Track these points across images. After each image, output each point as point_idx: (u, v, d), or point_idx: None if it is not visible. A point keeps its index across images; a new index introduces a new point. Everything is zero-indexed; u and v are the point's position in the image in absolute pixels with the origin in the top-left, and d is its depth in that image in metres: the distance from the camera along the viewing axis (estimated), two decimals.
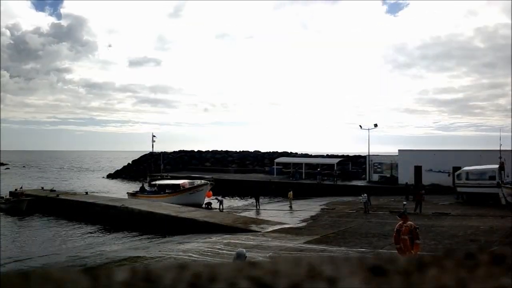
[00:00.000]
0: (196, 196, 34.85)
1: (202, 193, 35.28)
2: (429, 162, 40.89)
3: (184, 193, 35.05)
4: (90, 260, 17.30)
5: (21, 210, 31.72)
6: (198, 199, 34.41)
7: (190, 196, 34.74)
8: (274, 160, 56.06)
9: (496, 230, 19.33)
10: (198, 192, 35.29)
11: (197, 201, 34.11)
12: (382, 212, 27.04)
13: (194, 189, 35.51)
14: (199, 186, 35.88)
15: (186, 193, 35.03)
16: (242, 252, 9.12)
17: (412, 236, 11.12)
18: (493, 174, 30.00)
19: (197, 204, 33.28)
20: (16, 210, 31.74)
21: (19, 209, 31.91)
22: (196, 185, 36.14)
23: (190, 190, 35.36)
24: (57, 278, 0.64)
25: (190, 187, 35.72)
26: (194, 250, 16.88)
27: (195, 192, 35.27)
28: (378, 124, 49.30)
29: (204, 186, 35.89)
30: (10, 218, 30.14)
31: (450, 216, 24.44)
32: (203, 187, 35.74)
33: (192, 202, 33.23)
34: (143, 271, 0.67)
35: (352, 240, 18.13)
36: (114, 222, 27.13)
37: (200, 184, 36.24)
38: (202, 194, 35.28)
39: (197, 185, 36.20)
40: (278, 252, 15.95)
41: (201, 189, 35.54)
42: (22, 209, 31.93)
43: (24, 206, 32.20)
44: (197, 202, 33.84)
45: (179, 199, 33.78)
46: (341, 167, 49.23)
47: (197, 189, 35.59)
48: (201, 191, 35.39)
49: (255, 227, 21.98)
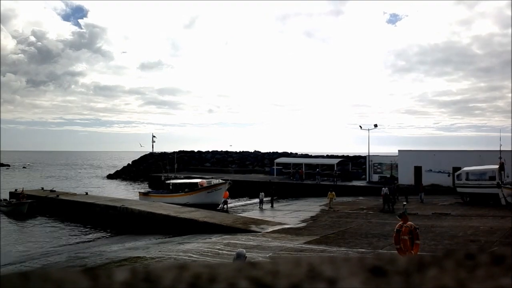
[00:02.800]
0: (214, 196, 33.64)
1: (220, 192, 33.73)
2: (429, 162, 40.88)
3: (202, 192, 33.92)
4: (90, 261, 17.29)
5: (23, 213, 31.74)
6: (216, 199, 33.35)
7: (207, 195, 33.59)
8: (274, 161, 56.10)
9: (496, 230, 19.32)
10: (216, 191, 33.86)
11: (215, 200, 33.13)
12: (382, 212, 27.06)
13: (212, 188, 34.21)
14: (217, 185, 34.42)
15: (204, 192, 33.88)
16: (242, 253, 9.12)
17: (412, 237, 11.13)
18: (493, 175, 29.99)
19: (215, 204, 32.57)
20: (17, 213, 31.74)
21: (21, 211, 31.92)
22: (214, 184, 34.73)
23: (208, 189, 34.16)
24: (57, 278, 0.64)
25: (208, 186, 34.51)
26: (194, 250, 16.87)
27: (213, 191, 33.94)
28: (378, 125, 49.37)
29: (222, 185, 34.34)
30: (11, 220, 30.13)
31: (450, 217, 24.44)
32: (222, 186, 34.16)
33: (210, 201, 32.49)
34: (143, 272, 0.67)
35: (352, 240, 18.12)
36: (114, 222, 27.15)
37: (219, 183, 34.83)
38: (220, 193, 33.69)
39: (215, 184, 34.78)
40: (278, 252, 15.94)
41: (219, 188, 34.01)
42: (24, 211, 31.94)
43: (25, 208, 32.21)
44: (215, 201, 32.96)
45: (196, 198, 32.99)
46: (341, 168, 49.24)
47: (215, 187, 34.22)
48: (219, 190, 33.84)
49: (255, 227, 21.98)
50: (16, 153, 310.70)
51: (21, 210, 32.03)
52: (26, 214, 31.59)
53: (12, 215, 31.52)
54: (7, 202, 34.49)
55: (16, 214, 31.49)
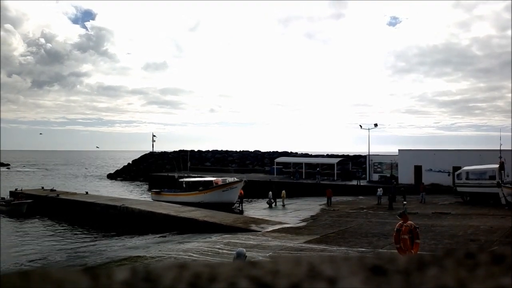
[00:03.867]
0: (229, 194, 32.83)
1: (235, 191, 32.89)
2: (429, 161, 40.88)
3: (217, 191, 33.11)
4: (90, 260, 17.31)
5: (22, 213, 31.77)
6: (231, 197, 32.67)
7: (222, 193, 32.79)
8: (274, 160, 56.09)
9: (496, 229, 19.32)
10: (232, 190, 32.96)
11: (230, 199, 32.53)
12: (382, 211, 27.07)
13: (227, 186, 33.33)
14: (233, 183, 33.52)
15: (219, 191, 33.04)
16: (242, 252, 9.12)
17: (412, 236, 11.13)
18: (493, 174, 29.99)
19: (230, 203, 32.00)
20: (16, 213, 31.78)
21: (20, 211, 31.95)
22: (229, 182, 33.86)
23: (224, 187, 33.32)
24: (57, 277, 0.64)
25: (224, 184, 33.67)
26: (194, 249, 16.88)
27: (228, 190, 33.04)
28: (378, 124, 49.39)
29: (238, 183, 33.44)
30: (11, 220, 30.15)
31: (450, 216, 24.45)
32: (237, 185, 33.27)
33: (225, 200, 31.93)
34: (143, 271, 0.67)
35: (352, 239, 18.13)
36: (114, 221, 27.16)
37: (234, 181, 34.07)
38: (236, 191, 32.86)
39: (230, 182, 33.96)
40: (278, 251, 15.95)
41: (235, 187, 33.10)
42: (23, 211, 31.98)
43: (24, 208, 32.26)
44: (230, 200, 32.39)
45: (211, 197, 32.34)
46: (341, 167, 49.26)
47: (230, 186, 33.31)
48: (235, 189, 32.98)
49: (255, 226, 21.99)
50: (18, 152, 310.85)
51: (20, 210, 32.09)
52: (25, 214, 31.64)
53: (11, 215, 31.56)
54: (5, 201, 34.51)
55: (15, 214, 31.53)
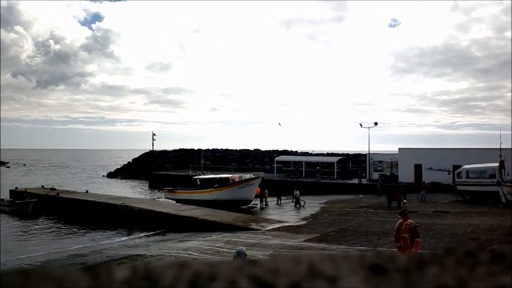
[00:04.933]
0: (247, 191, 31.88)
1: (253, 188, 32.01)
2: (429, 160, 40.86)
3: (234, 187, 32.26)
4: (90, 259, 17.31)
5: (27, 212, 31.62)
6: (248, 194, 31.85)
7: (239, 190, 31.87)
8: (274, 159, 56.09)
9: (496, 228, 19.33)
10: (249, 186, 31.99)
11: (247, 196, 31.77)
12: (382, 210, 27.09)
13: (244, 183, 32.26)
14: (250, 180, 32.46)
15: (236, 187, 32.16)
16: (242, 250, 9.12)
17: (412, 234, 11.13)
18: (493, 172, 29.99)
19: (247, 200, 31.51)
20: (22, 212, 31.62)
21: (25, 211, 31.79)
22: (247, 179, 32.88)
23: (241, 184, 32.29)
24: (57, 276, 0.65)
25: (241, 181, 32.65)
26: (194, 248, 16.89)
27: (245, 186, 32.06)
28: (379, 123, 49.43)
29: (255, 180, 32.40)
30: (15, 220, 30.04)
31: (450, 214, 24.46)
32: (255, 181, 32.25)
33: (242, 197, 31.43)
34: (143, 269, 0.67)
35: (352, 238, 18.14)
36: (115, 220, 27.17)
37: (251, 177, 33.03)
38: (253, 188, 32.01)
39: (247, 178, 32.98)
40: (278, 250, 15.96)
41: (252, 183, 32.07)
42: (28, 211, 31.81)
43: (30, 208, 32.09)
44: (247, 197, 31.74)
45: (227, 194, 31.73)
46: (341, 166, 49.26)
47: (247, 182, 32.24)
48: (252, 185, 32.03)
49: (255, 225, 22.00)
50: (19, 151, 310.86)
51: (26, 210, 31.88)
52: (31, 213, 31.52)
53: (16, 214, 31.40)
54: (9, 201, 34.36)
55: (20, 214, 31.38)
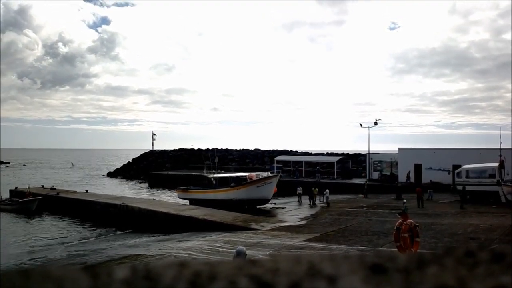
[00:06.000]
0: (264, 190, 31.04)
1: (271, 186, 31.17)
2: (429, 160, 40.87)
3: (251, 186, 31.34)
4: (90, 258, 17.32)
5: (31, 210, 31.64)
6: (266, 193, 31.08)
7: (257, 189, 31.03)
8: (274, 158, 56.07)
9: (496, 228, 19.33)
10: (267, 185, 31.13)
11: (265, 195, 31.00)
12: (382, 210, 27.08)
13: (262, 182, 31.38)
14: (268, 178, 31.69)
15: (253, 186, 31.24)
16: (242, 250, 9.12)
17: (412, 234, 11.13)
18: (493, 172, 30.02)
19: (265, 199, 30.90)
20: (25, 210, 31.65)
21: (29, 209, 31.82)
22: (264, 177, 32.07)
23: (258, 182, 31.38)
24: (57, 276, 0.65)
25: (259, 179, 31.82)
26: (194, 248, 16.89)
27: (263, 185, 31.17)
28: (379, 122, 49.27)
29: (273, 178, 31.62)
30: (20, 219, 30.05)
31: (450, 214, 24.46)
32: (273, 180, 31.47)
33: (260, 196, 30.67)
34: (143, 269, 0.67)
35: (352, 238, 18.14)
36: (114, 220, 27.17)
37: (269, 176, 32.31)
38: (271, 187, 31.19)
39: (265, 177, 32.20)
40: (278, 250, 15.96)
41: (270, 182, 31.28)
42: (32, 208, 31.86)
43: (34, 206, 32.15)
44: (265, 196, 30.97)
45: (244, 193, 30.99)
46: (341, 165, 49.27)
47: (265, 181, 31.40)
48: (270, 184, 31.21)
49: (255, 225, 22.00)
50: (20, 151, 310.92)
51: (30, 208, 31.95)
52: (34, 211, 31.55)
53: (20, 212, 31.42)
54: (11, 200, 34.42)
55: (25, 212, 31.40)
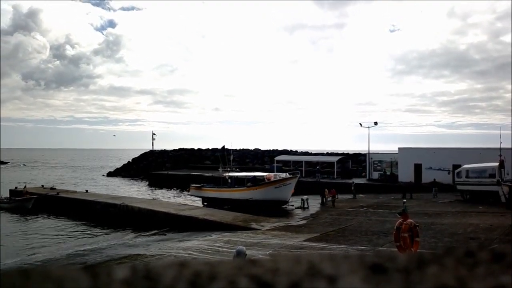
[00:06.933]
0: (283, 191, 30.25)
1: (289, 188, 30.44)
2: (429, 160, 40.89)
3: (269, 187, 30.61)
4: (90, 258, 17.32)
5: (27, 209, 31.74)
6: (285, 195, 30.28)
7: (275, 190, 30.23)
8: (274, 158, 56.08)
9: (496, 228, 19.33)
10: (285, 186, 30.34)
11: (284, 196, 30.25)
12: (382, 210, 27.09)
13: (281, 182, 30.61)
14: (286, 179, 30.88)
15: (271, 187, 30.50)
16: (242, 250, 9.12)
17: (412, 234, 11.13)
18: (493, 172, 30.01)
19: (283, 201, 30.18)
20: (21, 209, 31.76)
21: (25, 207, 31.93)
22: (283, 178, 31.27)
23: (277, 183, 30.62)
24: (57, 276, 0.65)
25: (277, 180, 31.03)
26: (194, 248, 16.89)
27: (281, 186, 30.41)
28: (380, 123, 49.45)
29: (292, 179, 30.77)
30: (14, 217, 30.14)
31: (450, 214, 24.46)
32: (291, 181, 30.64)
33: (278, 197, 30.02)
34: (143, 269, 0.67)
35: (352, 238, 18.14)
36: (114, 220, 27.18)
37: (287, 177, 31.41)
38: (290, 188, 30.44)
39: (284, 178, 31.40)
40: (278, 250, 15.96)
41: (288, 183, 30.51)
42: (28, 207, 31.96)
43: (30, 204, 32.25)
44: (283, 198, 30.25)
45: (261, 194, 30.36)
46: (341, 165, 49.29)
47: (284, 182, 30.60)
48: (289, 185, 30.45)
49: (255, 225, 22.00)
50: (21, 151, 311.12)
51: (26, 206, 32.06)
52: (30, 210, 31.63)
53: (16, 211, 31.52)
54: (8, 199, 34.53)
55: (21, 210, 31.51)
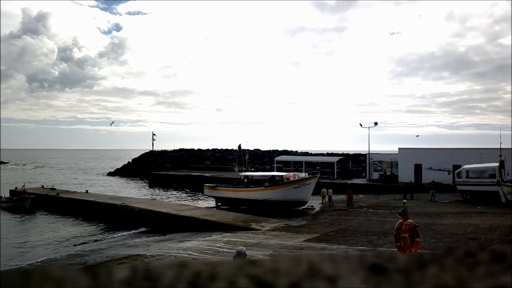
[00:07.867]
0: (302, 191, 29.22)
1: (309, 188, 29.42)
2: (429, 160, 40.88)
3: (288, 187, 29.61)
4: (90, 259, 17.31)
5: (24, 208, 31.81)
6: (304, 195, 29.28)
7: (294, 190, 29.25)
8: (274, 159, 56.08)
9: (496, 228, 19.33)
10: (305, 187, 29.31)
11: (303, 197, 29.28)
12: (382, 210, 27.09)
13: (300, 182, 29.59)
14: (306, 179, 29.80)
15: (290, 187, 29.49)
16: (242, 250, 9.12)
17: (412, 234, 11.13)
18: (493, 172, 30.01)
19: (302, 201, 29.33)
20: (19, 208, 31.83)
21: (22, 207, 32.00)
22: (303, 178, 30.22)
23: (296, 183, 29.61)
24: (57, 276, 0.65)
25: (296, 180, 29.98)
26: (194, 248, 16.89)
27: (300, 186, 29.35)
28: (378, 123, 49.45)
29: (312, 179, 29.74)
30: (13, 216, 30.19)
31: (450, 214, 24.45)
32: (311, 181, 29.60)
33: (296, 198, 29.12)
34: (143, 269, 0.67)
35: (352, 238, 18.14)
36: (114, 220, 27.18)
37: (307, 177, 30.37)
38: (309, 189, 29.44)
39: (303, 178, 30.35)
40: (278, 250, 15.96)
41: (308, 183, 29.44)
42: (26, 207, 32.05)
43: (27, 204, 32.34)
44: (302, 198, 29.27)
45: (280, 194, 29.48)
46: (341, 165, 49.30)
47: (303, 182, 29.57)
48: (308, 185, 29.39)
49: (255, 225, 22.00)
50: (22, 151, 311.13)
51: (23, 206, 32.14)
52: (28, 209, 31.68)
53: (14, 210, 31.58)
54: (7, 198, 34.61)
55: (18, 210, 31.57)
